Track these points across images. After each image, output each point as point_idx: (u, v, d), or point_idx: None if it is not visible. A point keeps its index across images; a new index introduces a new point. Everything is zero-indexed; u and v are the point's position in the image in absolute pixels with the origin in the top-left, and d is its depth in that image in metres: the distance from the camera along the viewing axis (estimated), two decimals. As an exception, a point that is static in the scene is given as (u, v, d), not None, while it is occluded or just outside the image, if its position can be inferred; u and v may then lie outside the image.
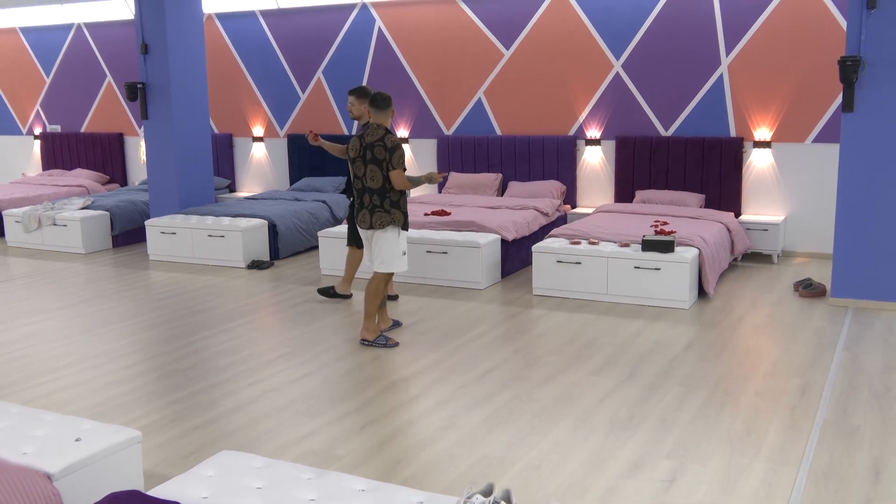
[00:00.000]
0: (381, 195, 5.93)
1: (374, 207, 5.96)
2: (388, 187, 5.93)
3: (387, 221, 5.95)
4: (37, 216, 9.94)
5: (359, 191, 6.05)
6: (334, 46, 10.84)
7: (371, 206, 5.97)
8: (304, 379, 5.35)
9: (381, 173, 5.89)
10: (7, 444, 3.38)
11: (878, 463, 4.01)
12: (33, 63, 13.19)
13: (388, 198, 5.95)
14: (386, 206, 5.95)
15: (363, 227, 6.06)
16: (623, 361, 5.57)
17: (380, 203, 5.94)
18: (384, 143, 5.87)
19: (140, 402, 5.01)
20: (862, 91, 6.60)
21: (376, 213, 5.96)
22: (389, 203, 5.95)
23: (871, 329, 6.23)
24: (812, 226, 8.73)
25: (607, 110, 9.44)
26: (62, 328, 6.62)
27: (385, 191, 5.93)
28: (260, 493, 3.02)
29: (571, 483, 3.86)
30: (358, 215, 6.09)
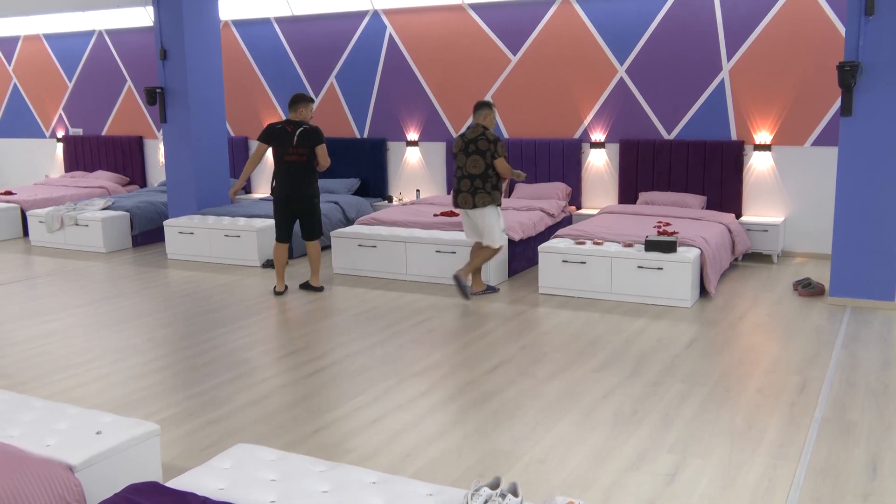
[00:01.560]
0: (482, 179, 7.00)
1: (475, 190, 7.02)
2: (489, 173, 7.00)
3: (488, 201, 7.01)
4: (59, 216, 9.98)
5: (459, 178, 7.13)
6: (346, 52, 10.85)
7: (472, 189, 7.03)
8: (316, 374, 5.36)
9: (484, 161, 6.98)
10: (30, 437, 3.40)
11: (875, 458, 4.00)
12: (56, 69, 13.24)
13: (490, 181, 7.01)
14: (487, 189, 7.01)
15: (466, 207, 7.09)
16: (626, 358, 5.56)
17: (482, 185, 7.00)
18: (486, 137, 7.00)
19: (158, 397, 5.02)
20: (860, 95, 6.56)
21: (478, 195, 7.02)
22: (490, 186, 7.02)
23: (869, 327, 6.20)
24: (811, 227, 8.70)
25: (611, 114, 9.42)
26: (84, 325, 6.65)
27: (487, 176, 7.00)
28: (274, 484, 3.02)
29: (576, 477, 3.85)
30: (458, 199, 7.12)
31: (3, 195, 11.39)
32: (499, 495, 2.71)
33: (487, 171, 6.99)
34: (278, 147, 7.32)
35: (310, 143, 7.29)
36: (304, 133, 7.29)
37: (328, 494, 2.94)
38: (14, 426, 3.52)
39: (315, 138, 7.32)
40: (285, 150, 7.29)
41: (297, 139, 7.27)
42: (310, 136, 7.30)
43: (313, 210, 7.47)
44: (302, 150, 7.29)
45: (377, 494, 2.93)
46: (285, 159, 7.31)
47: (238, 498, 2.92)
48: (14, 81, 13.74)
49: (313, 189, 7.44)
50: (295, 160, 7.30)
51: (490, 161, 6.98)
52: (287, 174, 7.34)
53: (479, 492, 2.74)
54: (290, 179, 7.34)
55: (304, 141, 7.28)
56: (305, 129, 7.30)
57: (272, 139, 7.36)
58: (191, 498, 2.83)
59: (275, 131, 7.35)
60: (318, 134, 7.36)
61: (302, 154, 7.30)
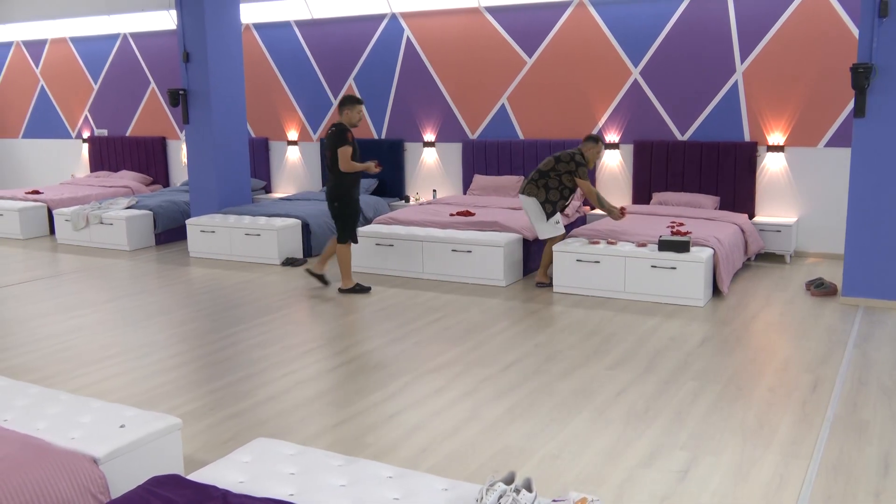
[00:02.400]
0: (545, 178, 7.45)
1: (531, 180, 7.49)
2: (551, 175, 7.43)
3: (534, 193, 7.46)
4: (85, 215, 10.06)
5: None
6: (365, 54, 10.87)
7: (531, 178, 7.51)
8: (335, 371, 5.38)
9: (555, 166, 7.41)
10: (56, 430, 3.42)
11: (887, 457, 3.96)
12: (82, 71, 13.35)
13: (549, 184, 7.43)
14: (541, 186, 7.45)
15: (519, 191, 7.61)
16: (640, 356, 5.54)
17: (539, 179, 7.46)
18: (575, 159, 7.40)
19: (180, 391, 5.05)
20: (873, 97, 6.51)
21: (530, 185, 7.50)
22: (547, 188, 7.42)
23: (882, 327, 6.14)
24: (824, 227, 8.63)
25: (626, 115, 9.38)
26: (108, 321, 6.70)
27: (548, 177, 7.44)
28: (293, 478, 3.03)
29: (589, 473, 3.84)
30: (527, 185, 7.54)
31: (31, 194, 11.50)
32: (513, 490, 2.71)
33: (550, 173, 7.41)
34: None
35: (332, 145, 7.19)
36: (330, 134, 7.22)
37: (346, 488, 2.95)
38: (40, 419, 3.56)
39: (336, 140, 7.18)
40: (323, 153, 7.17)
41: (331, 141, 7.21)
42: (332, 137, 7.21)
43: (336, 213, 7.37)
44: (328, 153, 7.26)
45: (394, 489, 2.94)
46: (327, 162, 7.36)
47: (258, 491, 2.93)
48: (41, 84, 13.86)
49: (336, 191, 7.29)
50: (329, 163, 7.28)
51: (560, 169, 7.38)
52: (330, 176, 7.34)
53: (494, 487, 2.74)
54: (330, 181, 7.33)
55: (329, 142, 7.22)
56: (332, 130, 7.22)
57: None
58: (212, 490, 2.84)
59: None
60: (340, 135, 7.17)
61: (328, 156, 7.27)
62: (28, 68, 13.95)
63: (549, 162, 7.48)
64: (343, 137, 7.14)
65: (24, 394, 3.87)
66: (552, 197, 7.46)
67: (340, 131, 7.18)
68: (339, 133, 7.17)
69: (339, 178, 7.26)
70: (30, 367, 5.52)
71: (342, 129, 7.19)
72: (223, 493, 2.82)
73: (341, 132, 7.17)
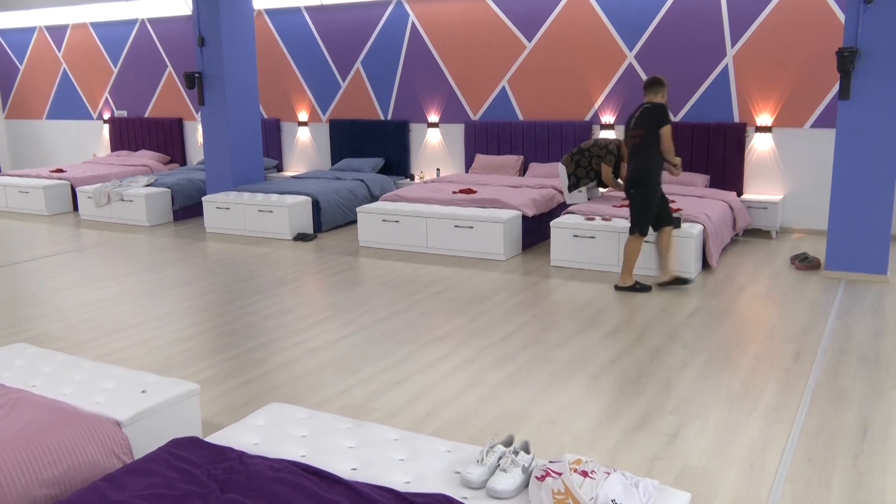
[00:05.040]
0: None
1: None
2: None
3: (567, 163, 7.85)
4: (106, 192, 10.05)
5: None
6: (372, 39, 10.79)
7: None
8: (344, 339, 5.39)
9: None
10: (81, 395, 3.45)
11: (865, 422, 3.97)
12: (102, 55, 13.27)
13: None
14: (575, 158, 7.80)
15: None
16: (632, 326, 5.55)
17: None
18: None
19: (198, 359, 5.07)
20: (858, 80, 6.45)
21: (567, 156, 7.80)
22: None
23: (862, 299, 6.14)
24: (808, 204, 8.60)
25: (621, 97, 9.31)
26: (129, 292, 6.72)
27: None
28: (304, 440, 3.05)
29: (584, 436, 3.86)
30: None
31: (55, 172, 11.48)
32: (512, 452, 2.73)
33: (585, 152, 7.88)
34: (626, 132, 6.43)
35: (650, 124, 6.18)
36: (647, 112, 6.24)
37: (354, 450, 2.97)
38: (66, 385, 3.58)
39: (659, 118, 6.15)
40: (628, 134, 6.38)
41: (635, 120, 6.31)
42: (651, 115, 6.20)
43: (633, 200, 6.37)
44: (638, 132, 6.27)
45: (399, 450, 2.95)
46: (629, 143, 6.40)
47: (271, 452, 2.95)
48: (63, 67, 13.79)
49: (638, 175, 6.30)
50: (635, 143, 6.33)
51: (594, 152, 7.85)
52: (630, 159, 6.42)
53: (494, 449, 2.76)
54: (630, 164, 6.41)
55: (644, 121, 6.25)
56: (648, 107, 6.24)
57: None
58: (228, 452, 2.86)
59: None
60: (663, 113, 6.16)
61: (637, 135, 6.28)
62: (50, 52, 13.87)
63: (590, 143, 8.00)
64: (667, 116, 6.18)
65: (50, 361, 3.89)
66: (579, 173, 7.96)
67: (663, 110, 6.19)
68: (661, 111, 6.18)
69: (645, 162, 6.28)
70: (56, 336, 5.55)
71: (664, 107, 6.21)
72: (239, 455, 2.84)
73: (664, 110, 6.19)
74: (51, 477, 2.84)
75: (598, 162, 7.97)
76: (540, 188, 8.72)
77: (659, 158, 6.30)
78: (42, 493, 2.80)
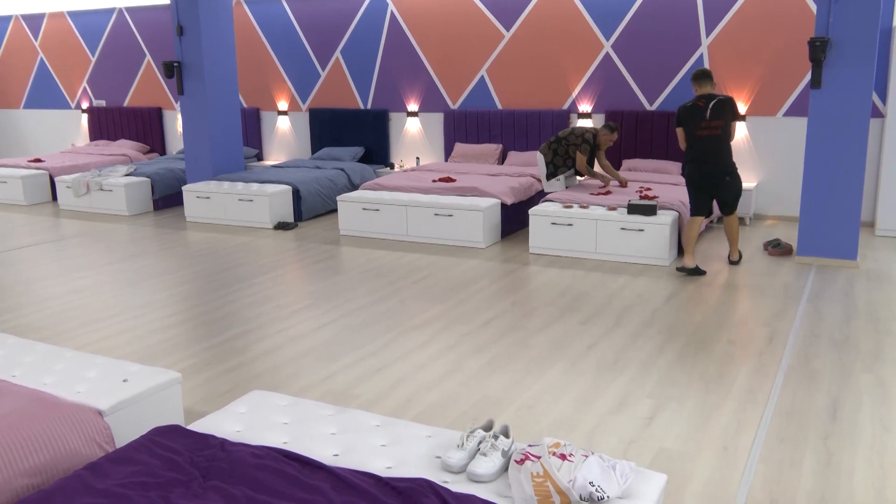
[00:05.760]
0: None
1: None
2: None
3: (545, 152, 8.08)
4: (85, 182, 9.93)
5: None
6: (351, 28, 10.72)
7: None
8: (325, 327, 5.38)
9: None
10: (63, 384, 3.41)
11: (835, 403, 4.04)
12: (80, 44, 13.08)
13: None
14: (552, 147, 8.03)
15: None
16: (609, 312, 5.58)
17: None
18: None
19: (180, 348, 5.04)
20: (829, 69, 6.50)
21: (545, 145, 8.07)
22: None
23: (833, 284, 6.22)
24: (781, 191, 8.68)
25: (598, 86, 9.33)
26: (110, 282, 6.66)
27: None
28: (286, 427, 3.05)
29: (562, 420, 3.89)
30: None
31: (33, 162, 11.32)
32: (492, 437, 2.74)
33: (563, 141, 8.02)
34: (691, 124, 6.56)
35: (726, 116, 6.49)
36: (721, 104, 6.50)
37: (336, 436, 2.97)
38: (47, 374, 3.54)
39: (733, 112, 6.52)
40: (698, 126, 6.53)
41: (710, 112, 6.50)
42: (725, 108, 6.50)
43: (731, 186, 6.65)
44: (715, 122, 6.49)
45: (381, 436, 2.96)
46: (698, 134, 6.55)
47: (254, 439, 2.94)
48: (41, 56, 13.57)
49: (729, 163, 6.58)
50: (715, 133, 6.51)
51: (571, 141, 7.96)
52: (701, 149, 6.56)
53: (474, 433, 2.77)
54: (705, 154, 6.55)
55: (719, 112, 6.49)
56: (720, 100, 6.51)
57: (685, 119, 6.61)
58: (210, 439, 2.85)
59: (686, 110, 6.60)
60: (734, 107, 6.53)
61: (718, 126, 6.50)
62: (27, 41, 13.65)
63: (567, 131, 8.06)
64: (737, 110, 6.63)
65: (31, 351, 3.85)
66: (557, 161, 8.06)
67: (733, 103, 6.53)
68: (735, 104, 6.54)
69: (729, 150, 6.58)
70: (36, 326, 5.49)
71: (733, 101, 6.54)
72: (221, 442, 2.83)
73: (734, 104, 6.54)
74: (32, 466, 2.82)
75: (574, 150, 8.01)
76: (518, 176, 8.73)
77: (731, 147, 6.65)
78: (24, 483, 2.78)
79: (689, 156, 6.67)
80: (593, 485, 2.43)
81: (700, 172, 6.62)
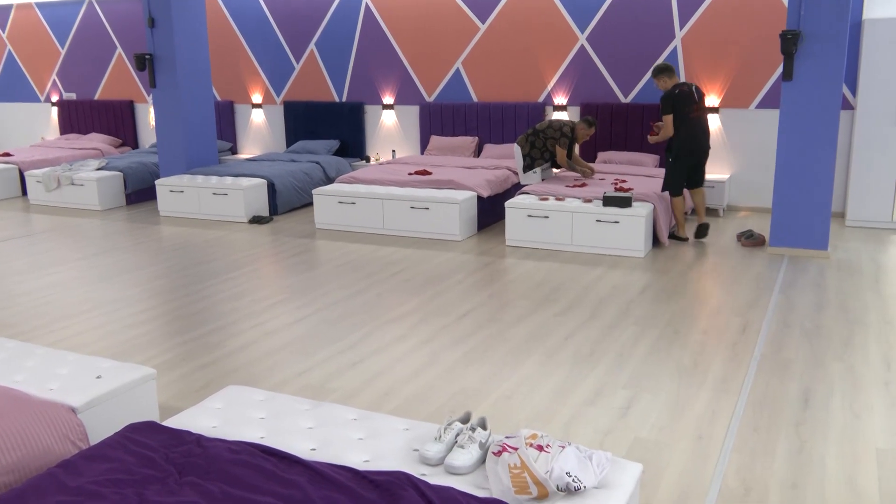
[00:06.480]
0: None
1: None
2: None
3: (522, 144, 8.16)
4: (56, 176, 9.78)
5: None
6: (325, 21, 10.64)
7: None
8: (301, 321, 5.36)
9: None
10: (35, 381, 3.37)
11: (807, 391, 4.09)
12: (49, 36, 12.86)
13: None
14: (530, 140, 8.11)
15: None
16: (585, 304, 5.61)
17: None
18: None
19: (154, 343, 5.00)
20: (800, 62, 6.57)
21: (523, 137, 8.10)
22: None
23: (804, 274, 6.30)
24: (754, 183, 8.77)
25: (573, 79, 9.36)
26: (82, 277, 6.57)
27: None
28: (263, 422, 3.03)
29: (539, 411, 3.91)
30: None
31: (2, 157, 11.13)
32: (469, 429, 2.75)
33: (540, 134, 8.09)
34: (682, 108, 7.05)
35: (702, 98, 7.18)
36: (698, 89, 7.17)
37: (313, 430, 2.96)
38: (19, 372, 3.49)
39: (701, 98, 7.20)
40: (691, 109, 7.08)
41: (696, 96, 7.10)
42: (700, 91, 7.19)
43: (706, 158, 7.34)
44: (702, 105, 7.14)
45: (358, 430, 2.95)
46: (691, 117, 7.09)
47: (230, 434, 2.92)
48: (8, 48, 13.33)
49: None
50: (699, 115, 7.11)
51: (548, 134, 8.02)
52: (696, 130, 7.11)
53: (452, 426, 2.78)
54: (700, 134, 7.14)
55: (700, 96, 7.15)
56: (696, 85, 7.20)
57: (680, 105, 7.06)
58: (185, 435, 2.83)
59: (678, 97, 7.05)
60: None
61: (703, 109, 7.14)
62: (-6, 33, 13.41)
63: (544, 124, 8.10)
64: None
65: (1, 348, 3.79)
66: (534, 154, 8.10)
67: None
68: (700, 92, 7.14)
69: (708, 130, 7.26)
70: (6, 323, 5.41)
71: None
72: (197, 438, 2.81)
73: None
74: (4, 465, 2.78)
75: (553, 144, 8.02)
76: (494, 169, 8.74)
77: None
78: (-5, 482, 2.74)
79: (683, 138, 7.10)
80: (570, 475, 2.44)
81: (693, 152, 7.14)
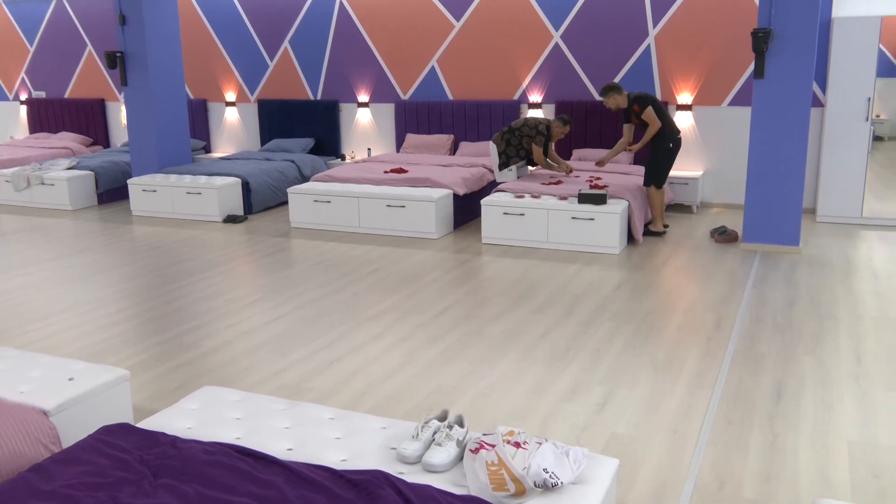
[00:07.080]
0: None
1: None
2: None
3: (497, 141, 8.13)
4: (26, 176, 9.64)
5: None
6: (299, 18, 10.58)
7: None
8: (277, 321, 5.33)
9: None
10: (5, 384, 3.32)
11: (780, 385, 4.15)
12: (17, 33, 12.66)
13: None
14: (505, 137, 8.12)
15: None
16: (561, 301, 5.64)
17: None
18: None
19: (127, 344, 4.94)
20: (771, 59, 6.65)
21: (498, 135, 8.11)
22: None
23: (776, 270, 6.38)
24: (727, 179, 8.87)
25: (548, 77, 9.40)
26: (53, 278, 6.48)
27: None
28: (239, 423, 3.01)
29: (516, 408, 3.92)
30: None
31: (-30, 156, 10.94)
32: (447, 426, 2.75)
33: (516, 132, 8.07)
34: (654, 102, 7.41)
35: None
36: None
37: (289, 430, 2.95)
38: (-11, 375, 3.44)
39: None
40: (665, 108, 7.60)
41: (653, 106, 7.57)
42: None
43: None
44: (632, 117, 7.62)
45: (335, 429, 2.95)
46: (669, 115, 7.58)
47: (206, 435, 2.90)
48: (-25, 45, 13.11)
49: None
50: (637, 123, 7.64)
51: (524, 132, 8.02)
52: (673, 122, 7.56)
53: (429, 424, 2.78)
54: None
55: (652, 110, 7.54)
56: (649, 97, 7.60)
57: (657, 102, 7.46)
58: (160, 437, 2.80)
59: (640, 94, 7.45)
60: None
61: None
62: (-39, 30, 13.17)
63: (520, 122, 8.07)
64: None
65: (-30, 351, 3.73)
66: (510, 151, 8.07)
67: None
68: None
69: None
70: (-24, 325, 5.32)
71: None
72: (172, 439, 2.78)
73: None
74: (-26, 469, 2.73)
75: (529, 142, 8.05)
76: (470, 167, 8.75)
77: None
78: (-35, 487, 2.69)
79: (671, 131, 7.42)
80: (547, 471, 2.46)
81: (679, 141, 7.51)
